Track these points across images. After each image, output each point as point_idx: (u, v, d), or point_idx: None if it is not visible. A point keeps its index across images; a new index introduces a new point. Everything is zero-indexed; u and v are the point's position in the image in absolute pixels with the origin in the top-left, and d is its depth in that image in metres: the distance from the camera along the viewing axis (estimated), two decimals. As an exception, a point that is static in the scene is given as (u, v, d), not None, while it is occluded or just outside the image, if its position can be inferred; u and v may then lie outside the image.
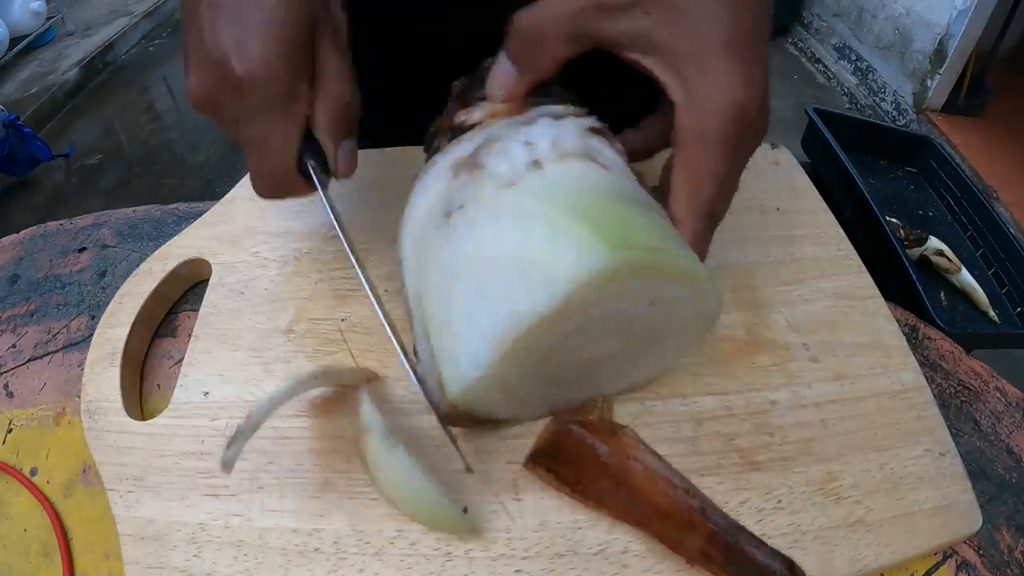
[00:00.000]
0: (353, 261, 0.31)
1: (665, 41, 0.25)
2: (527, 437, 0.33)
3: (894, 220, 1.12)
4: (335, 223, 0.32)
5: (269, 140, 0.28)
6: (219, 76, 0.26)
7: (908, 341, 0.37)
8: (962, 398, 0.39)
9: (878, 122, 1.51)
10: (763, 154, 0.50)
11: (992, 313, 1.03)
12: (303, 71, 0.28)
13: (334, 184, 0.32)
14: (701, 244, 0.27)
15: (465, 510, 0.30)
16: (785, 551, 0.29)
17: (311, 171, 0.30)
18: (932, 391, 0.35)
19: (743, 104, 0.25)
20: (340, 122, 0.29)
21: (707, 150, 0.25)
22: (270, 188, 0.30)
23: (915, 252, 1.08)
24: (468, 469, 0.29)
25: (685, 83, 0.25)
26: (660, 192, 0.28)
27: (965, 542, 0.33)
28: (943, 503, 0.31)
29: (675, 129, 0.26)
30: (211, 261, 0.42)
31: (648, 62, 0.26)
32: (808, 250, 0.43)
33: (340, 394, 0.35)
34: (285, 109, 0.27)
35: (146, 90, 2.70)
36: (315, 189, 0.31)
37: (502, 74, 0.29)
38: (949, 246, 1.09)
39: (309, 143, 0.29)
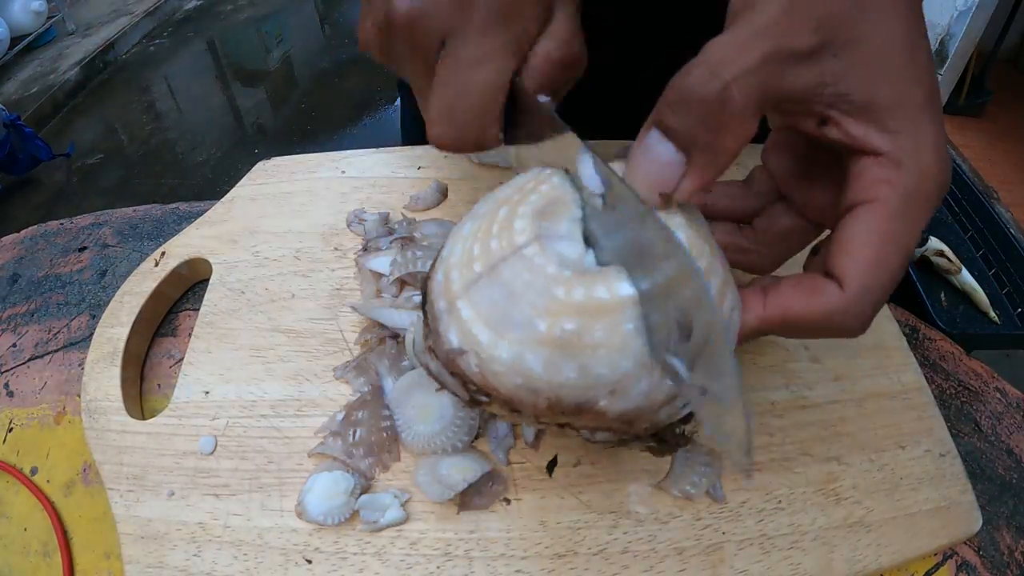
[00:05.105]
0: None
1: (859, 87, 0.20)
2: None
3: (894, 220, 1.12)
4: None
5: (480, 66, 0.23)
6: None
7: (908, 341, 0.37)
8: (962, 398, 0.39)
9: (878, 122, 1.52)
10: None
11: (992, 313, 1.03)
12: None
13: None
14: (871, 315, 0.23)
15: None
16: (785, 551, 0.29)
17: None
18: (932, 392, 0.35)
19: (945, 168, 0.21)
20: (546, 74, 0.24)
21: (906, 215, 0.21)
22: (457, 130, 0.25)
23: (915, 252, 1.08)
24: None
25: (895, 137, 0.21)
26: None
27: (965, 543, 0.33)
28: (943, 504, 0.31)
29: (865, 184, 0.21)
30: (211, 261, 0.42)
31: (836, 115, 0.21)
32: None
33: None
34: (509, 29, 0.23)
35: (147, 90, 2.70)
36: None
37: (661, 166, 0.21)
38: (949, 246, 1.09)
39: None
